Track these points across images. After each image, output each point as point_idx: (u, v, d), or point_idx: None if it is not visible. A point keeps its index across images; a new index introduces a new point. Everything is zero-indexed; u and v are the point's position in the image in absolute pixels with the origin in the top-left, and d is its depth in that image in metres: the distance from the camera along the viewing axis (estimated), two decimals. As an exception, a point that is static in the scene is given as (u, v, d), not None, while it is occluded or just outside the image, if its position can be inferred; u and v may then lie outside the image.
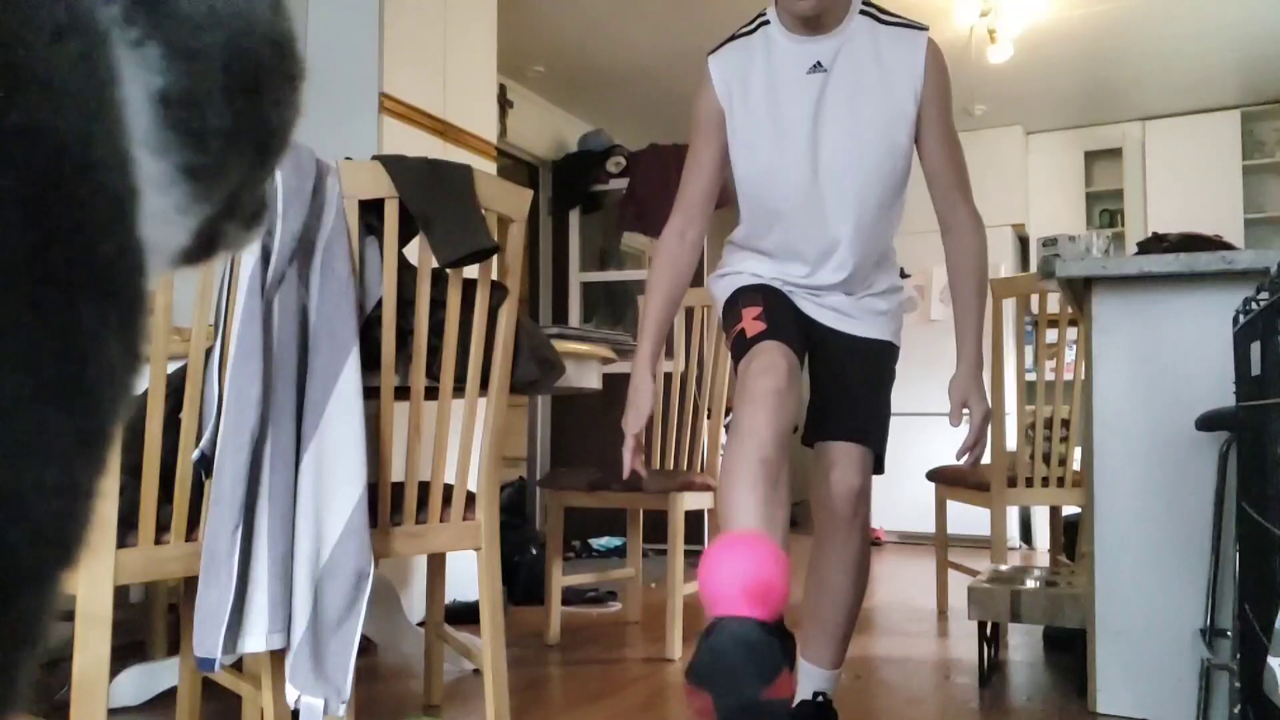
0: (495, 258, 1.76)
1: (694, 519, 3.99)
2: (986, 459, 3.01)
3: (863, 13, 1.73)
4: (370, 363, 1.66)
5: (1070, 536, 3.41)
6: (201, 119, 0.36)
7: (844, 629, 1.78)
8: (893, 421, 1.86)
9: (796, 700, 1.78)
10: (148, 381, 1.51)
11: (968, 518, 3.64)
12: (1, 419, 0.28)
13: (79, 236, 0.30)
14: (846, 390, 1.78)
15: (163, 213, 0.36)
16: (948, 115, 1.76)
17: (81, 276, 0.30)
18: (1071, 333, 3.00)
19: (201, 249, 0.41)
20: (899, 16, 1.75)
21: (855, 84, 1.70)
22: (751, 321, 1.71)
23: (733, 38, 1.78)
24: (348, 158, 1.71)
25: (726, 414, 3.23)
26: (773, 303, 1.76)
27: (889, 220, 1.79)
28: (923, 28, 1.75)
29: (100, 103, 0.32)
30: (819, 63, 1.69)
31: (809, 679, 1.79)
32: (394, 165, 1.68)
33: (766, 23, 1.74)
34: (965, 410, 1.75)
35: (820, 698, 1.78)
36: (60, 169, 0.29)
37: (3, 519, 0.28)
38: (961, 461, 1.79)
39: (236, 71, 0.37)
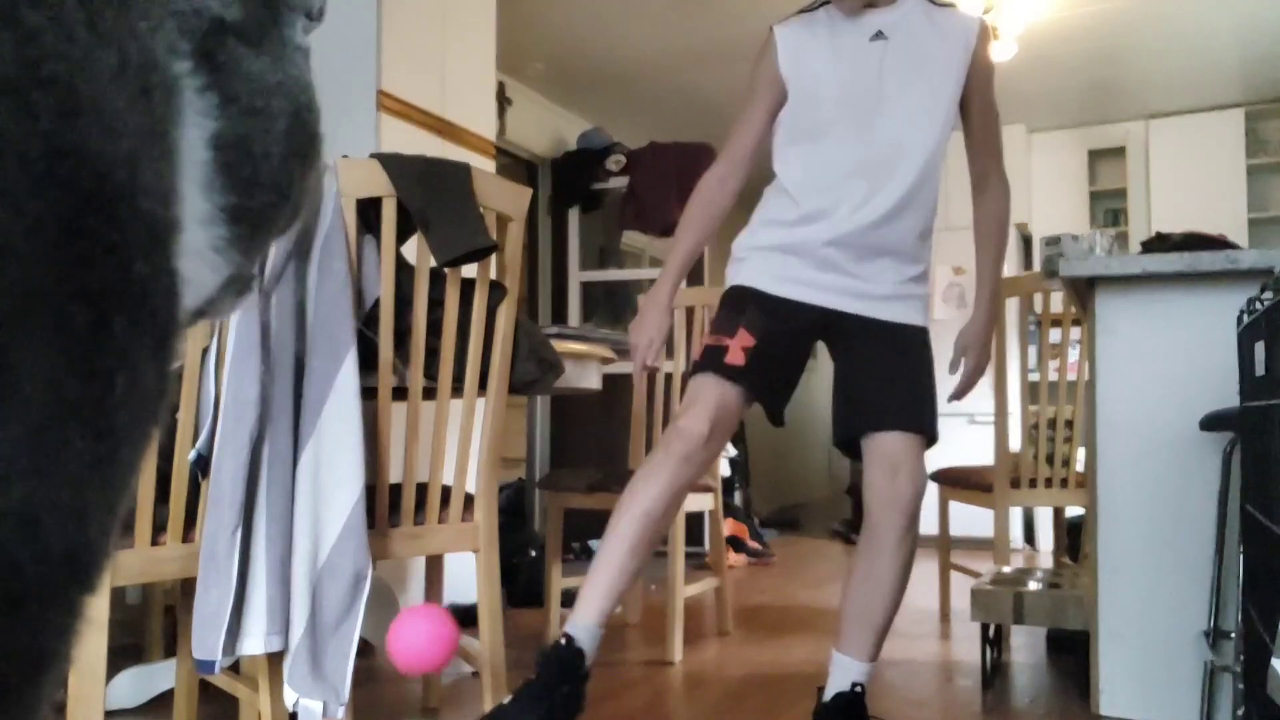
0: (494, 257, 1.75)
1: (694, 520, 3.98)
2: (990, 460, 3.00)
3: None
4: (368, 363, 1.65)
5: (1074, 538, 3.40)
6: (254, 169, 0.39)
7: (888, 622, 1.83)
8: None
9: (833, 691, 1.82)
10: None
11: (971, 519, 3.62)
12: (19, 438, 0.28)
13: (114, 257, 0.31)
14: (898, 378, 1.82)
15: (200, 249, 0.38)
16: (991, 87, 1.91)
17: (114, 296, 0.31)
18: (1075, 332, 2.99)
19: (195, 314, 0.44)
20: (947, 1, 1.89)
21: (916, 53, 1.81)
22: (738, 350, 1.78)
23: (799, 13, 1.90)
24: (345, 156, 1.70)
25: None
26: (772, 333, 1.79)
27: (935, 185, 1.88)
28: (972, 15, 1.90)
29: (152, 136, 0.34)
30: (880, 31, 1.80)
31: (848, 672, 1.82)
32: (392, 163, 1.67)
33: (827, 2, 1.86)
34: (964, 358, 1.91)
35: (858, 688, 1.82)
36: (102, 191, 0.30)
37: (12, 538, 0.28)
38: (952, 392, 1.93)
39: (296, 137, 0.41)
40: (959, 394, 1.94)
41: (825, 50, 1.82)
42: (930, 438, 1.81)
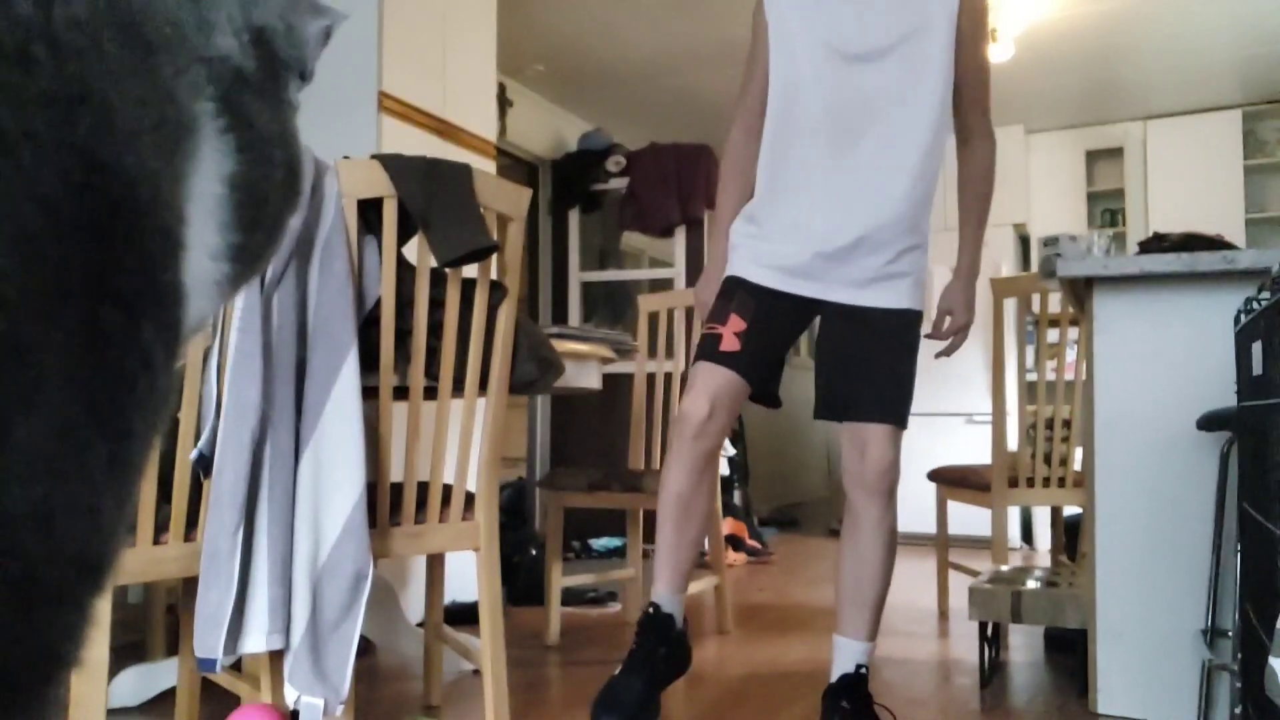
0: (494, 257, 1.76)
1: (694, 519, 3.98)
2: (988, 459, 3.01)
3: None
4: (369, 363, 1.66)
5: (1071, 537, 3.41)
6: (258, 212, 0.41)
7: (880, 599, 1.88)
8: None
9: (838, 673, 1.87)
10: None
11: (969, 518, 3.64)
12: (41, 437, 0.29)
13: (143, 264, 0.32)
14: (872, 369, 1.85)
15: (205, 281, 0.40)
16: (982, 30, 1.89)
17: (144, 301, 0.32)
18: (1073, 333, 3.00)
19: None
20: None
21: (896, 4, 1.80)
22: (731, 337, 1.83)
23: None
24: (346, 157, 1.70)
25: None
26: (763, 314, 1.84)
27: (925, 151, 1.82)
28: None
29: (169, 162, 0.35)
30: None
31: (849, 653, 1.87)
32: (393, 164, 1.67)
33: None
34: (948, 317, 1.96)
35: (862, 669, 1.87)
36: (131, 203, 0.32)
37: (27, 536, 0.29)
38: (939, 353, 1.99)
39: (289, 187, 0.44)
40: (947, 353, 2.01)
41: (806, 2, 1.84)
42: (901, 426, 1.86)
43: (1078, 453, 2.90)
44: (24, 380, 0.28)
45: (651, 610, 1.85)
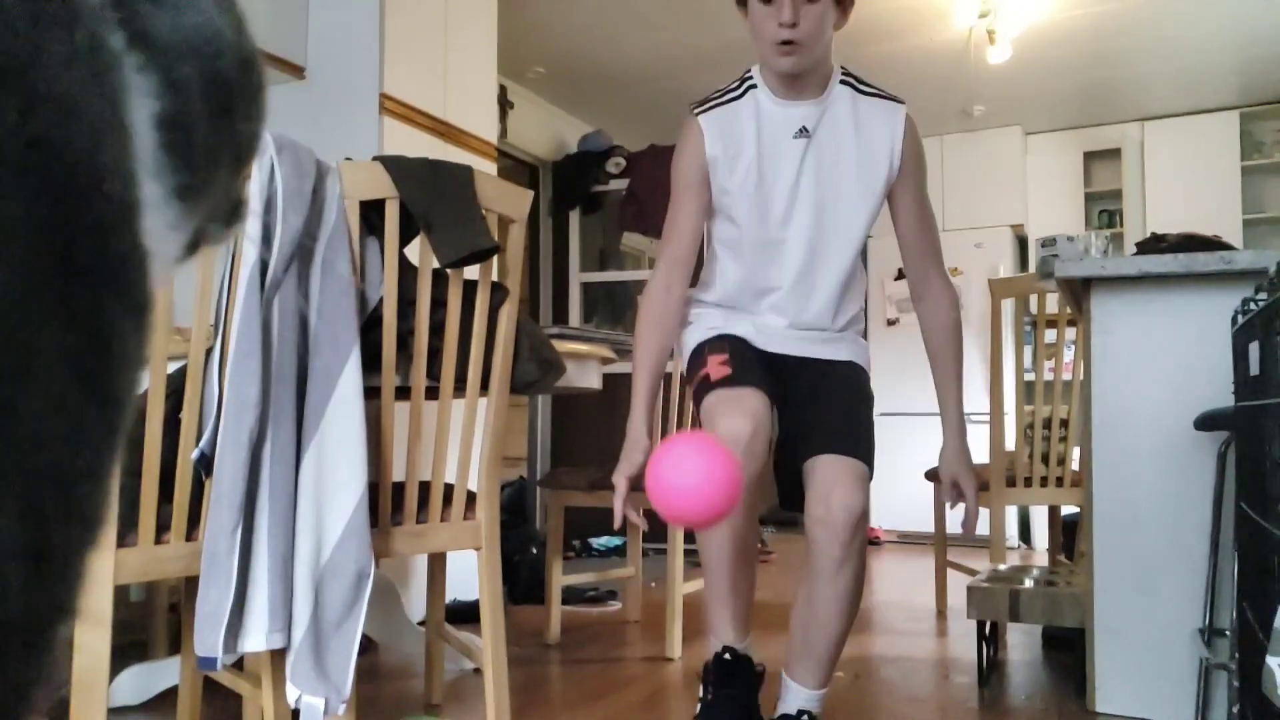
0: (495, 258, 1.77)
1: (693, 519, 3.99)
2: (985, 460, 3.02)
3: (843, 81, 1.79)
4: (371, 363, 1.66)
5: (1069, 536, 3.42)
6: (188, 143, 0.39)
7: (833, 654, 1.75)
8: (891, 421, 1.87)
9: (780, 712, 1.78)
10: (147, 381, 1.51)
11: (967, 517, 3.64)
12: (47, 409, 0.30)
13: (97, 237, 0.32)
14: (833, 404, 1.79)
15: (158, 231, 0.39)
16: (923, 186, 1.84)
17: (104, 274, 0.33)
18: (1070, 333, 3.01)
19: (187, 251, 0.44)
20: (877, 87, 1.82)
21: (836, 150, 1.77)
22: (717, 366, 1.76)
23: (721, 99, 1.82)
24: (348, 158, 1.71)
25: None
26: (738, 349, 1.80)
27: (860, 274, 1.88)
28: (900, 101, 1.82)
29: (109, 121, 0.34)
30: (805, 128, 1.76)
31: (794, 697, 1.77)
32: (394, 166, 1.68)
33: (754, 86, 1.80)
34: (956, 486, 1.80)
35: (805, 716, 1.76)
36: (75, 176, 0.31)
37: (46, 498, 0.30)
38: (963, 529, 1.85)
39: (212, 97, 0.40)
40: (969, 525, 1.81)
41: (749, 146, 1.76)
42: (865, 464, 1.71)
43: (1075, 452, 2.91)
44: (20, 357, 0.29)
45: (729, 656, 1.78)
